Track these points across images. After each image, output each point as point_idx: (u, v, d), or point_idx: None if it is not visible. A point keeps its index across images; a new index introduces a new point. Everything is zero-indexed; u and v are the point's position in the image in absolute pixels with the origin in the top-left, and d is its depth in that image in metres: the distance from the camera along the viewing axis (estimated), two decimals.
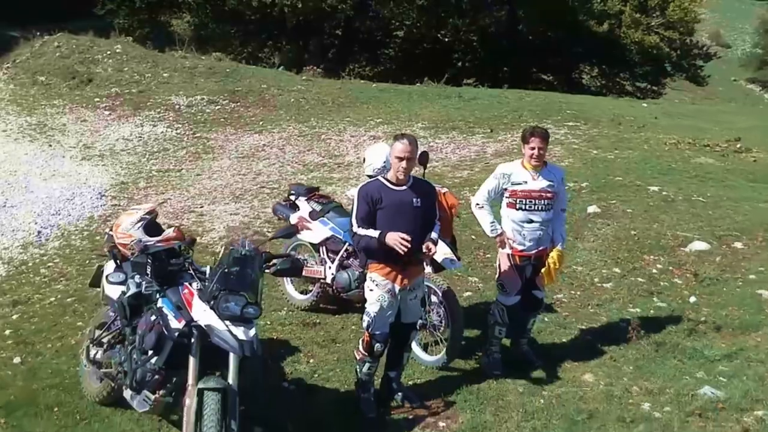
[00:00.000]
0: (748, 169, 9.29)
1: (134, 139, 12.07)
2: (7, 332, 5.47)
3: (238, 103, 14.12)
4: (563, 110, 13.05)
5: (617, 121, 12.24)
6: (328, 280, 5.35)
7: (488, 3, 22.98)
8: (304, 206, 5.59)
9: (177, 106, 13.66)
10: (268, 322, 5.53)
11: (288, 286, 5.83)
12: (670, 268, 6.39)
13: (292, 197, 5.75)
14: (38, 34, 18.54)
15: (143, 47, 18.04)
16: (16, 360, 5.03)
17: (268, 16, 24.97)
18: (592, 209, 7.57)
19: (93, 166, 10.67)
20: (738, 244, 6.62)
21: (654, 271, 6.37)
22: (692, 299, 5.87)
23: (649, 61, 26.24)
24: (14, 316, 5.76)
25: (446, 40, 24.77)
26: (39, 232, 7.55)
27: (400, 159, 4.15)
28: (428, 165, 5.25)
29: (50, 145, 11.61)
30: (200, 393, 3.47)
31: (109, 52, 16.50)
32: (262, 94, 14.65)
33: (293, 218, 5.54)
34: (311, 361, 5.01)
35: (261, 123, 12.96)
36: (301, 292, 5.78)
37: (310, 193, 5.72)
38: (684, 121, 13.29)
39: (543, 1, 22.66)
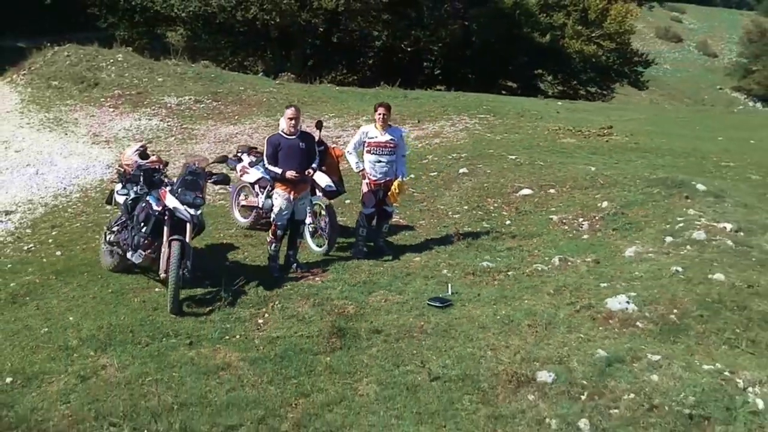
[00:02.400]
0: (597, 146, 12.10)
1: (133, 129, 14.78)
2: (50, 241, 8.25)
3: (219, 102, 16.88)
4: (481, 106, 15.87)
5: (521, 115, 15.07)
6: (260, 206, 8.10)
7: (444, 17, 25.72)
8: (246, 159, 8.35)
9: (169, 105, 16.40)
10: (222, 235, 8.31)
11: (236, 213, 8.60)
12: (502, 205, 9.17)
13: (239, 154, 8.52)
14: (49, 44, 21.28)
15: (141, 56, 20.79)
16: (58, 253, 7.79)
17: (254, 28, 27.70)
18: (462, 170, 10.36)
19: (101, 148, 13.40)
20: (552, 190, 9.38)
21: (491, 208, 9.15)
22: (508, 222, 8.65)
23: (593, 68, 29.15)
24: (53, 233, 8.53)
25: (409, 50, 27.48)
26: (65, 188, 10.33)
27: (290, 119, 6.94)
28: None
29: (66, 134, 14.33)
30: (170, 244, 6.21)
31: (112, 60, 19.25)
32: (239, 95, 17.42)
33: (239, 167, 8.32)
34: (245, 254, 7.78)
35: (236, 117, 15.72)
36: (244, 217, 8.55)
37: (250, 150, 8.49)
38: (581, 115, 16.12)
39: (492, 16, 25.50)
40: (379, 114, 7.44)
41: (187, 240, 6.31)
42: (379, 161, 7.47)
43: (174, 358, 5.39)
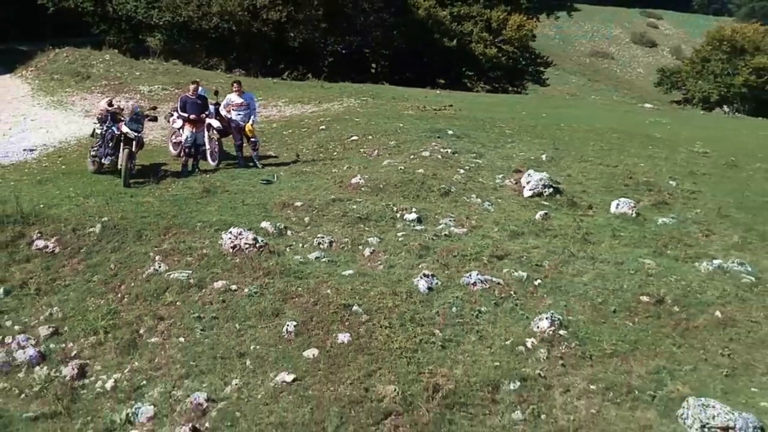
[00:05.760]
0: (425, 116, 17.34)
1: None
2: (58, 161, 13.43)
3: (180, 89, 21.99)
4: (368, 92, 21.12)
5: (394, 98, 20.33)
6: (183, 140, 13.27)
7: (371, 25, 30.90)
8: (176, 114, 13.51)
9: (142, 91, 21.50)
10: (161, 159, 13.49)
11: (170, 147, 13.79)
12: (337, 145, 14.39)
13: (172, 111, 13.71)
14: (50, 47, 26.36)
15: (124, 56, 25.94)
16: (63, 166, 12.96)
17: (222, 34, 32.66)
18: (322, 127, 15.62)
19: (91, 119, 18.45)
20: (369, 137, 14.62)
21: (329, 147, 14.38)
22: (335, 154, 13.87)
23: (500, 67, 34.52)
24: (60, 159, 13.70)
25: (344, 52, 32.64)
26: (66, 138, 15.49)
27: (194, 88, 12.18)
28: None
29: (66, 111, 19.42)
30: (123, 150, 11.41)
31: (101, 60, 24.38)
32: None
33: (171, 119, 13.51)
34: (170, 166, 12.95)
35: None
36: (174, 150, 13.71)
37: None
38: (444, 99, 21.40)
39: (409, 24, 30.75)
40: (234, 87, 12.76)
41: (133, 149, 11.52)
42: (239, 114, 12.76)
43: (122, 199, 10.60)
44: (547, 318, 7.51)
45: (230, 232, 8.95)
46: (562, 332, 7.41)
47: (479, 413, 6.46)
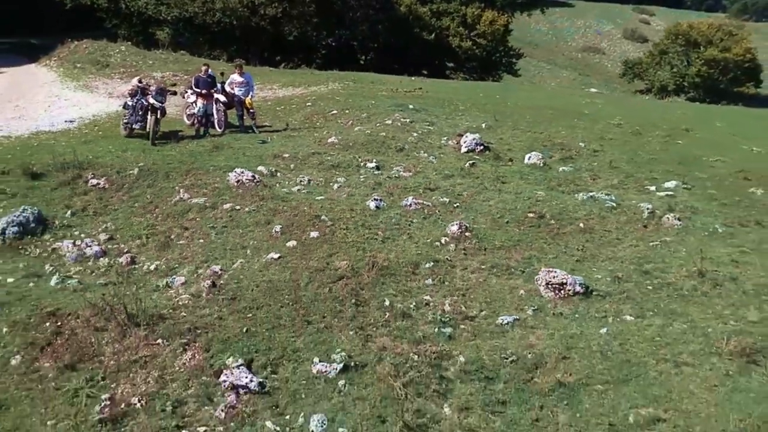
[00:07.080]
0: (396, 95, 20.36)
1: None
2: (95, 129, 16.43)
3: (188, 75, 24.93)
4: (351, 78, 24.13)
5: (372, 82, 23.34)
6: (196, 112, 16.28)
7: (358, 20, 33.87)
8: (189, 91, 16.52)
9: (155, 77, 24.47)
10: (177, 127, 16.52)
11: (185, 118, 16.80)
12: (320, 118, 17.41)
13: (186, 89, 16.72)
14: (69, 39, 29.27)
15: (138, 48, 28.89)
16: (100, 133, 15.98)
17: (224, 28, 35.56)
18: (308, 104, 18.64)
19: (114, 99, 21.50)
20: (347, 111, 17.63)
21: (314, 119, 17.41)
22: (318, 124, 16.88)
23: (475, 59, 37.50)
24: (96, 128, 16.71)
25: (333, 45, 35.59)
26: (98, 112, 18.48)
27: (205, 69, 15.21)
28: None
29: (92, 93, 22.37)
30: (150, 117, 14.44)
31: (117, 51, 27.33)
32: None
33: (186, 94, 16.53)
34: (185, 132, 15.98)
35: None
36: (188, 120, 16.72)
37: (191, 86, 16.67)
38: (416, 84, 24.41)
39: (392, 19, 33.71)
40: (237, 69, 15.79)
41: (158, 116, 14.55)
42: (240, 90, 15.81)
43: (150, 152, 13.63)
44: (456, 224, 10.59)
45: (235, 171, 12.01)
46: (467, 234, 10.50)
47: (403, 279, 9.53)
